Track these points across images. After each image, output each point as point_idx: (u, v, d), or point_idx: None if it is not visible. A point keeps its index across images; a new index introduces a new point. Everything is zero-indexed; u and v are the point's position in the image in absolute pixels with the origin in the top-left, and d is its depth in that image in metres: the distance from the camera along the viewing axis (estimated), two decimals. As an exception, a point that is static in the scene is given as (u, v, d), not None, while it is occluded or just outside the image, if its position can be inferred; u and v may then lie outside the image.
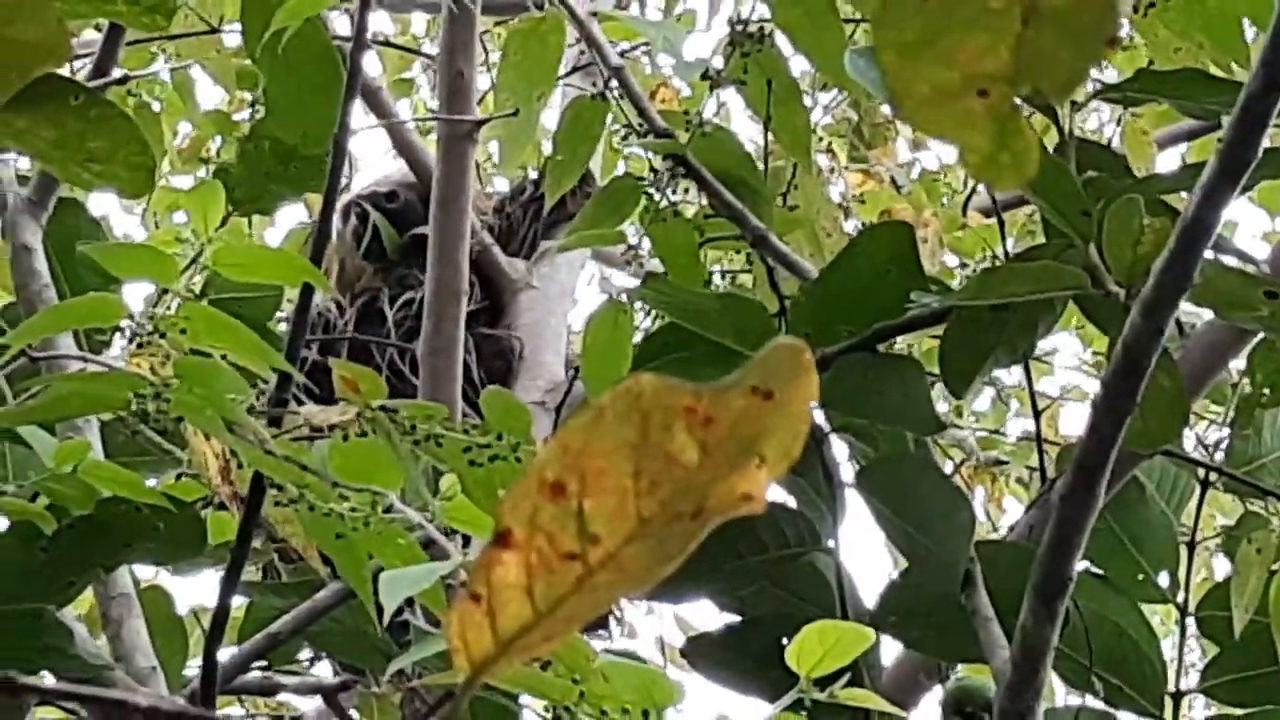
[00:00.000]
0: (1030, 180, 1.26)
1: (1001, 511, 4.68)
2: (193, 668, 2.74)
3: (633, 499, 0.89)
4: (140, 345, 2.33)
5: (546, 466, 0.88)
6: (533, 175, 4.24)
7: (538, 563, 0.89)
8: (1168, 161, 3.96)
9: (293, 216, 4.71)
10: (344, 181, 3.01)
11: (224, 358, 2.22)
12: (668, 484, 0.88)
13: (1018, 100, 0.86)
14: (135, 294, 2.65)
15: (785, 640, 2.43)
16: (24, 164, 3.07)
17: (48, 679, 2.34)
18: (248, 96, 4.69)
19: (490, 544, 0.89)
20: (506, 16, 3.95)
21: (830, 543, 2.58)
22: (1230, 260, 2.63)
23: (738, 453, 0.88)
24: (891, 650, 2.87)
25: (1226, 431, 2.88)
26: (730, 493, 0.89)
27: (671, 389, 0.87)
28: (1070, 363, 5.31)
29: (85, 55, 3.43)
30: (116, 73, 3.06)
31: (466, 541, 2.23)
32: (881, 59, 0.85)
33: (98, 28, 3.16)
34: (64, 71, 2.17)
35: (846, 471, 2.63)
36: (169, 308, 2.31)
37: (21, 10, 0.88)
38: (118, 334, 2.50)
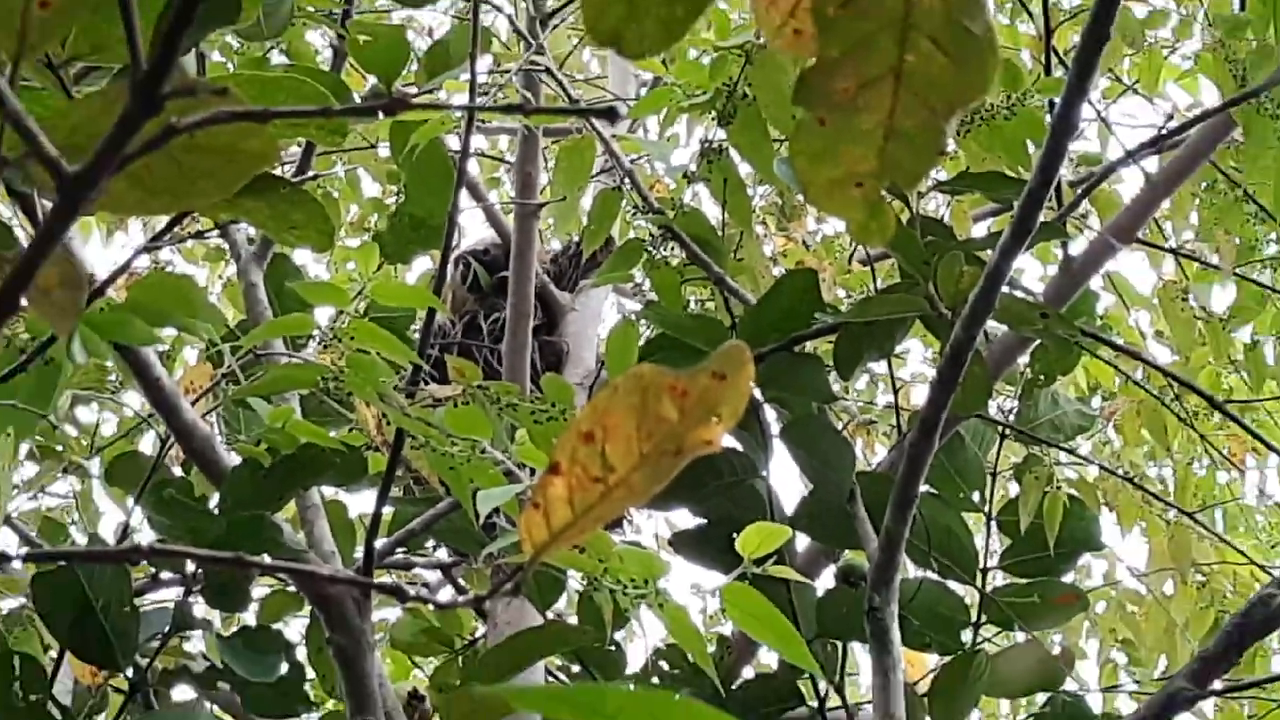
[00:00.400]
0: (890, 241, 1.25)
1: (873, 454, 4.66)
2: (358, 553, 2.73)
3: (636, 443, 0.88)
4: (325, 346, 2.33)
5: (582, 422, 0.88)
6: (575, 238, 4.22)
7: (576, 484, 0.89)
8: (980, 230, 3.94)
9: (422, 265, 4.68)
10: (455, 243, 2.99)
11: (378, 355, 2.22)
12: (658, 433, 0.88)
13: (883, 190, 0.85)
14: (322, 314, 2.64)
15: (735, 535, 2.42)
16: (251, 231, 3.07)
17: (265, 559, 2.33)
18: (394, 188, 4.67)
19: (545, 472, 0.89)
20: (559, 137, 3.93)
21: (764, 473, 2.58)
22: (1019, 293, 2.62)
23: (703, 414, 0.88)
24: (803, 542, 2.87)
25: (1016, 402, 2.87)
26: (698, 439, 0.89)
27: (662, 373, 0.87)
28: (918, 358, 5.30)
29: (290, 162, 3.42)
30: (310, 172, 3.05)
31: (533, 472, 2.22)
32: (794, 164, 0.85)
33: (299, 144, 3.15)
34: (277, 171, 2.18)
35: (775, 427, 2.62)
36: (343, 323, 2.31)
37: (246, 131, 0.88)
38: (311, 339, 2.50)
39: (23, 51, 0.85)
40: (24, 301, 0.89)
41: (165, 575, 2.82)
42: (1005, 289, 2.13)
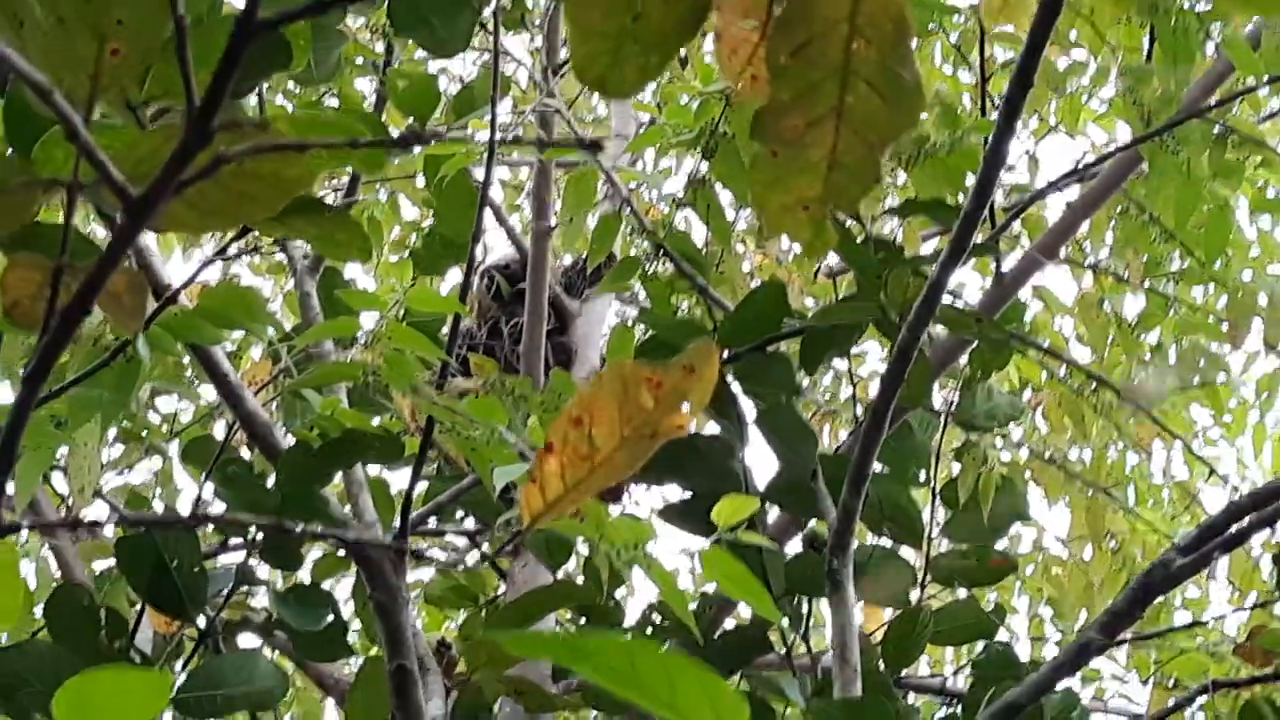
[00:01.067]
0: (848, 257, 1.24)
1: (836, 439, 4.65)
2: (396, 521, 2.72)
3: (618, 426, 0.88)
4: (367, 346, 2.32)
5: (572, 409, 0.88)
6: (583, 254, 4.22)
7: (567, 462, 0.89)
8: (928, 247, 3.93)
9: (453, 276, 4.67)
10: (480, 258, 3.00)
11: (413, 354, 2.21)
12: (637, 418, 0.88)
13: (827, 212, 0.85)
14: (368, 319, 2.63)
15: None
16: (307, 248, 3.06)
17: (316, 528, 2.32)
18: (430, 212, 4.66)
19: (541, 451, 0.89)
20: (569, 168, 3.93)
21: (740, 455, 2.57)
22: (960, 302, 2.62)
23: (675, 402, 0.88)
24: (774, 512, 2.86)
25: (957, 394, 2.87)
26: (671, 424, 0.89)
27: (640, 367, 0.87)
28: (876, 357, 5.30)
29: (342, 189, 3.42)
30: (358, 197, 3.05)
31: (542, 453, 2.21)
32: (751, 190, 0.85)
33: (347, 174, 3.15)
34: (328, 198, 2.18)
35: (750, 415, 2.61)
36: (383, 325, 2.30)
37: (287, 161, 0.88)
38: (355, 341, 2.49)
39: (96, 92, 0.85)
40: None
41: (233, 541, 2.82)
42: (947, 299, 2.12)
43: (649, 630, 2.69)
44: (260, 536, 2.41)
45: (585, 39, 0.84)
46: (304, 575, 2.74)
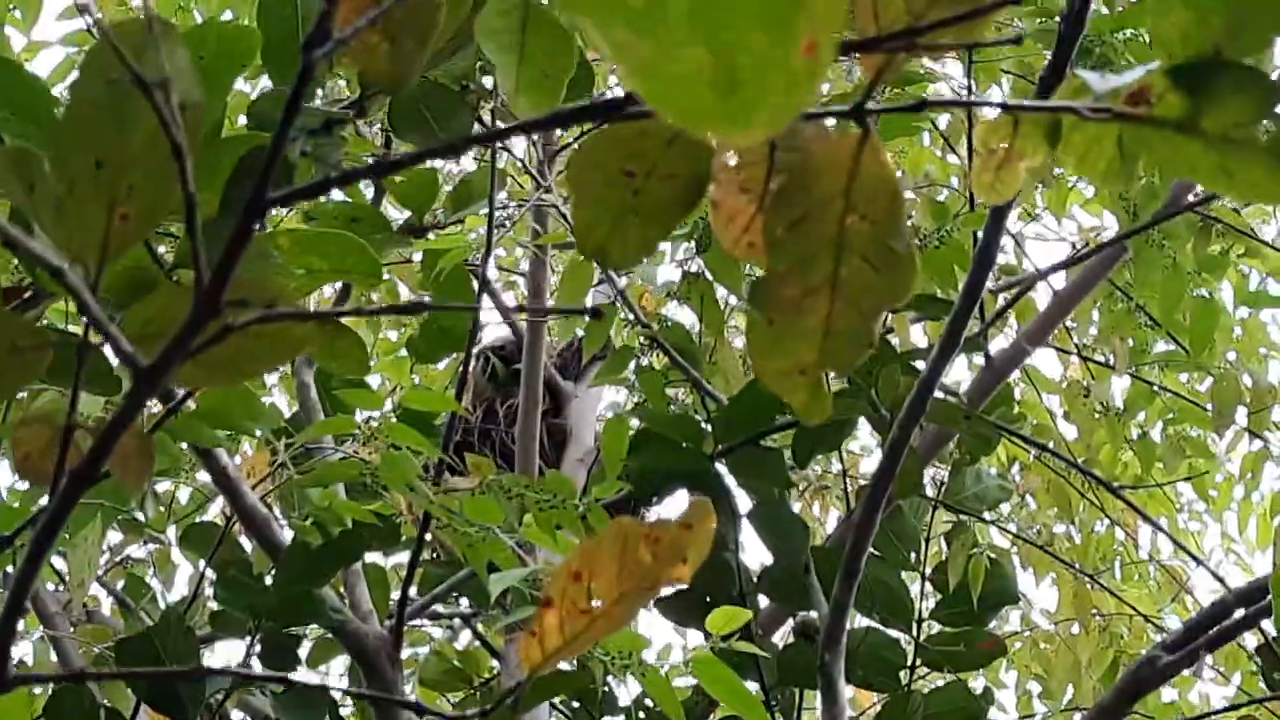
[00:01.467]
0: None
1: (827, 514, 4.65)
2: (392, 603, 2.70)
3: (617, 581, 0.88)
4: (364, 443, 2.32)
5: (571, 564, 0.88)
6: (578, 334, 4.22)
7: (566, 615, 0.89)
8: (915, 329, 3.94)
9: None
10: (477, 342, 2.99)
11: (408, 449, 2.21)
12: (636, 573, 0.88)
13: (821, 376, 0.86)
14: (361, 415, 2.63)
15: (709, 598, 2.41)
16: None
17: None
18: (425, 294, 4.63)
19: (541, 606, 0.89)
20: (566, 249, 3.94)
21: (733, 547, 2.56)
22: (951, 398, 2.62)
23: (673, 557, 0.88)
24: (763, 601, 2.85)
25: (947, 476, 2.86)
26: (669, 576, 0.89)
27: (639, 525, 0.87)
28: (865, 431, 5.29)
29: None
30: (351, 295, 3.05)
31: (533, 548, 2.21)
32: (751, 355, 0.85)
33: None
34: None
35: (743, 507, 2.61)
36: (379, 423, 2.30)
37: (289, 334, 0.88)
38: (351, 438, 2.49)
39: (105, 259, 0.86)
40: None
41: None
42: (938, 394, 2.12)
43: (642, 713, 2.68)
44: (258, 635, 2.39)
45: (586, 205, 0.85)
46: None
